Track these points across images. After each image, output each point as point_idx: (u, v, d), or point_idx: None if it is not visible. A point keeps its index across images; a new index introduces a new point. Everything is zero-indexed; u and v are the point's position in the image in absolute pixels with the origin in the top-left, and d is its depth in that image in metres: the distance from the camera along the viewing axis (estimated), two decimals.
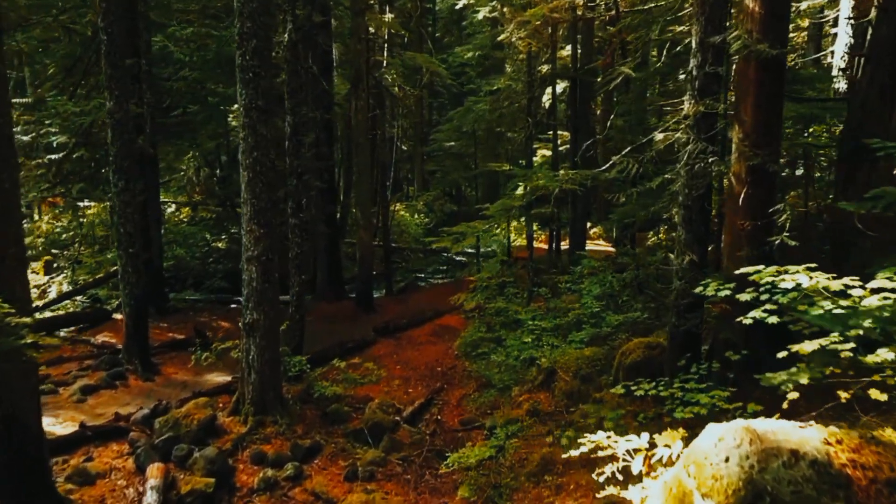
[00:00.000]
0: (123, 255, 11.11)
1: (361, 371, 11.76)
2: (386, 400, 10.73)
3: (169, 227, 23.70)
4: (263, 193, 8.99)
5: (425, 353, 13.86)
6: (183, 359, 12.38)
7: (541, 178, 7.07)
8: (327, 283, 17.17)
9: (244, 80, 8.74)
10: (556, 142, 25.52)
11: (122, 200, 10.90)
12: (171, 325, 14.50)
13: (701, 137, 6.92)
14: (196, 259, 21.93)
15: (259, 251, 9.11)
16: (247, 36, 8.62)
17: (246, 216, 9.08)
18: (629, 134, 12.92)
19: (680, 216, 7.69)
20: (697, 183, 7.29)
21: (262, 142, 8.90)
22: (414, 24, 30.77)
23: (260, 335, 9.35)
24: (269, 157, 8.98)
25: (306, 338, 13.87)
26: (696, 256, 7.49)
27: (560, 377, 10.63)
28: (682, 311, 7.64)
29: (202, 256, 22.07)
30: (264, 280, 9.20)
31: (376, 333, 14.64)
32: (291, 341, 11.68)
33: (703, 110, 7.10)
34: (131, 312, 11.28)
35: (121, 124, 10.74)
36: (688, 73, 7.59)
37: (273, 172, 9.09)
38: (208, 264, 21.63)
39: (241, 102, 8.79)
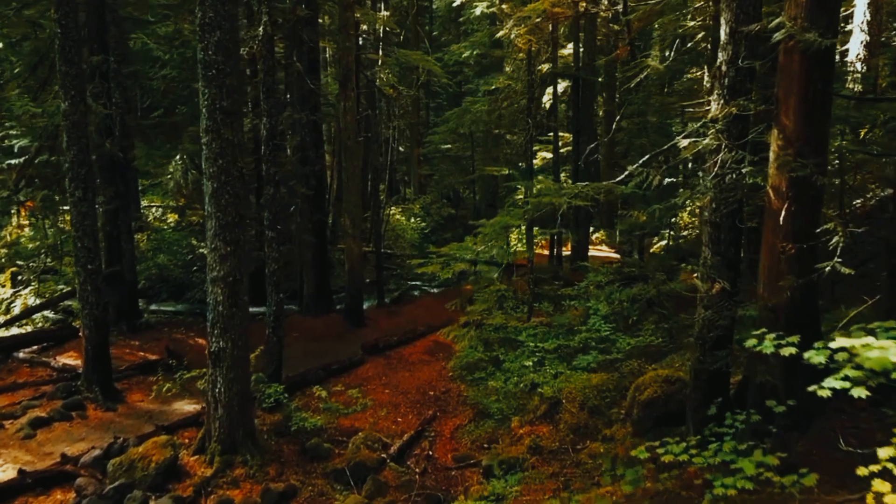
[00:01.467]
0: (82, 271, 10.04)
1: (345, 399, 10.69)
2: (371, 434, 9.65)
3: (153, 233, 22.64)
4: (230, 206, 7.93)
5: (417, 374, 12.80)
6: (152, 383, 11.31)
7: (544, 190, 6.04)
8: (314, 295, 16.11)
9: (207, 78, 7.68)
10: (556, 144, 24.47)
11: (79, 212, 9.83)
12: (143, 344, 13.43)
13: (735, 144, 5.86)
14: (179, 267, 20.86)
15: (225, 271, 8.05)
16: (208, 27, 7.56)
17: (210, 232, 8.02)
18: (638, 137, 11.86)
19: (706, 235, 6.64)
20: (728, 197, 6.24)
21: (228, 147, 7.84)
22: (410, 21, 29.72)
23: (227, 366, 8.29)
24: (237, 164, 7.91)
25: (288, 357, 12.80)
26: (727, 282, 6.44)
27: (565, 408, 9.57)
28: (708, 346, 6.59)
29: (186, 264, 20.96)
30: (231, 304, 8.14)
31: (364, 352, 13.57)
32: (269, 366, 10.62)
33: (735, 112, 6.04)
34: (91, 335, 10.21)
35: (77, 128, 9.67)
36: (714, 70, 6.53)
37: (241, 182, 8.03)
38: (192, 272, 20.52)
39: (204, 103, 7.73)
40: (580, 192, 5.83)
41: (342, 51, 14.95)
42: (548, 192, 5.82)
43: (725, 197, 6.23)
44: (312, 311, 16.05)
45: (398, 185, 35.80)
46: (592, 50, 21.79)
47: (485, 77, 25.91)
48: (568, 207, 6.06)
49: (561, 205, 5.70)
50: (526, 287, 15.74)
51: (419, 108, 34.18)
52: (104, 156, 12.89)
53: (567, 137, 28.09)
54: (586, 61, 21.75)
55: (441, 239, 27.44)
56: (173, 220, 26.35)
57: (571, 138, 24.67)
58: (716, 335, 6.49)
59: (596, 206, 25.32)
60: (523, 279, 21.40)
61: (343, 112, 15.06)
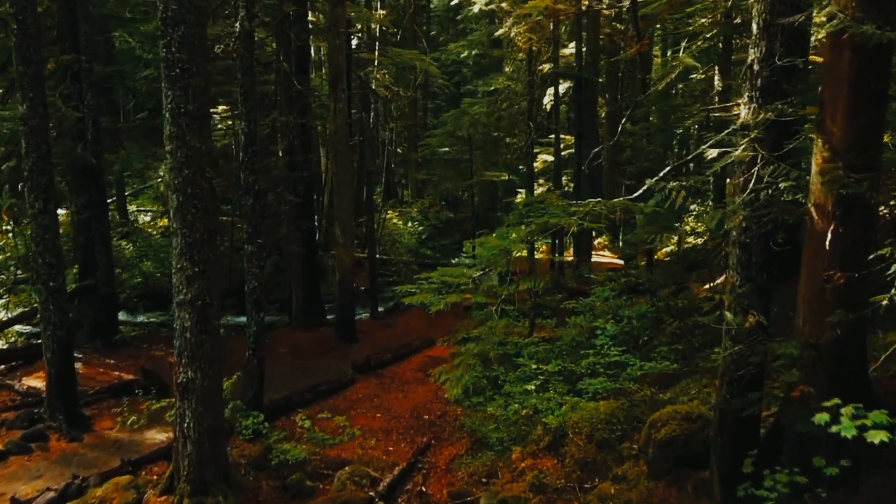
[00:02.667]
0: (43, 289, 9.21)
1: (332, 427, 9.85)
2: (359, 468, 8.81)
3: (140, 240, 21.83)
4: (198, 222, 7.10)
5: (411, 395, 11.97)
6: (128, 406, 10.47)
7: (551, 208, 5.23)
8: (303, 307, 15.28)
9: (170, 78, 6.85)
10: (558, 146, 23.65)
11: (39, 225, 9.00)
12: (118, 362, 12.59)
13: (773, 155, 5.04)
14: (166, 276, 20.04)
15: (193, 294, 7.22)
16: (171, 22, 6.73)
17: (176, 250, 7.19)
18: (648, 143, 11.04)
19: (734, 257, 5.81)
20: (762, 215, 5.41)
21: (195, 156, 7.01)
22: (407, 20, 28.91)
23: (197, 398, 7.45)
24: (205, 175, 7.08)
25: (274, 376, 11.98)
26: (759, 313, 5.61)
27: (571, 440, 8.72)
28: (737, 386, 5.76)
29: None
30: (200, 330, 7.31)
31: (355, 371, 12.74)
32: (248, 391, 9.79)
33: (772, 118, 5.22)
34: (54, 359, 9.39)
35: (37, 133, 8.85)
36: (745, 69, 5.71)
37: (210, 195, 7.20)
38: None
39: (167, 107, 6.91)
40: (592, 211, 5.02)
41: (332, 50, 14.14)
42: (555, 212, 5.02)
43: (759, 215, 5.40)
44: (301, 324, 15.23)
45: (395, 187, 34.99)
46: (595, 49, 20.96)
47: (484, 77, 25.10)
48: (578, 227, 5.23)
49: (570, 227, 4.89)
50: (526, 296, 14.92)
51: (417, 110, 33.38)
52: (76, 162, 12.06)
53: (568, 140, 27.29)
54: (589, 61, 20.92)
55: (439, 245, 26.62)
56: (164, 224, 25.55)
57: (573, 141, 23.88)
58: (747, 373, 5.67)
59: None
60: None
61: (334, 114, 14.24)
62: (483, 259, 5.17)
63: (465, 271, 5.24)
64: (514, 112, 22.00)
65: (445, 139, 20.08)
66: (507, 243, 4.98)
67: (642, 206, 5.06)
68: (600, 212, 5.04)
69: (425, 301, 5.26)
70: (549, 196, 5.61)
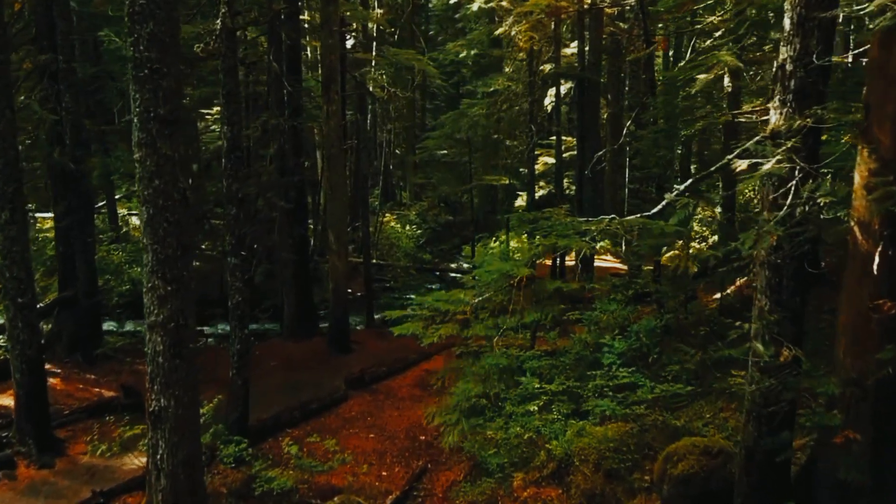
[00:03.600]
0: (11, 306, 8.60)
1: (322, 452, 9.23)
2: (350, 497, 8.20)
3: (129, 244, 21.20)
4: (170, 237, 6.48)
5: (407, 413, 11.35)
6: (104, 429, 9.85)
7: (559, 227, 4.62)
8: (295, 317, 14.67)
9: (138, 80, 6.24)
10: (559, 148, 23.06)
11: (6, 237, 8.39)
12: (100, 378, 11.96)
13: (814, 168, 4.43)
14: None
15: (165, 315, 6.60)
16: (139, 17, 6.12)
17: (146, 268, 6.58)
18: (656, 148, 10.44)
19: (762, 279, 5.21)
20: (797, 233, 4.80)
21: (167, 164, 6.40)
22: (405, 19, 28.33)
23: (170, 427, 6.83)
24: (178, 185, 6.47)
25: (263, 392, 11.39)
26: (792, 343, 5.00)
27: (577, 468, 8.11)
28: (765, 423, 5.16)
29: None
30: (174, 354, 6.69)
31: (348, 386, 12.12)
32: (232, 412, 9.19)
33: (810, 124, 4.62)
34: (24, 380, 8.78)
35: (2, 138, 8.23)
36: (776, 70, 5.10)
37: (184, 206, 6.59)
38: None
39: (136, 110, 6.30)
40: (607, 230, 4.43)
41: (325, 49, 13.53)
42: (564, 231, 4.43)
43: (794, 232, 4.80)
44: (294, 334, 14.61)
45: (394, 189, 34.39)
46: (598, 49, 20.33)
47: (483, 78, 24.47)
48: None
49: (582, 249, 4.30)
50: (527, 304, 14.28)
51: (415, 111, 32.79)
52: (54, 167, 11.45)
53: (570, 142, 26.69)
54: (591, 61, 20.31)
55: (437, 250, 26.01)
56: None
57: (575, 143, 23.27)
58: (777, 410, 5.06)
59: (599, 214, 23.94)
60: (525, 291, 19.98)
61: (327, 116, 13.63)
62: (482, 283, 4.58)
63: (462, 296, 4.64)
64: (514, 113, 21.40)
65: (443, 141, 19.47)
66: (510, 266, 4.38)
67: (662, 225, 4.46)
68: (615, 231, 4.44)
69: (416, 332, 4.67)
70: (555, 211, 5.00)
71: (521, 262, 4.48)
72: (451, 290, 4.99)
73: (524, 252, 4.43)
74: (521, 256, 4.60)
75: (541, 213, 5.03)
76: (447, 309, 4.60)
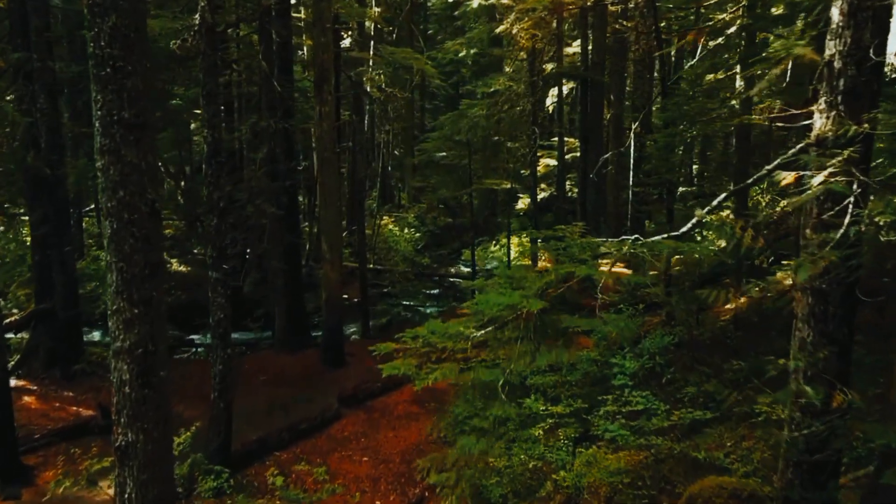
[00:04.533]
0: None
1: (311, 481, 8.58)
2: None
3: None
4: (137, 254, 5.83)
5: (403, 433, 10.70)
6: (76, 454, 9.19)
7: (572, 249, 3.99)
8: (287, 328, 14.02)
9: (100, 79, 5.59)
10: (562, 150, 22.47)
11: None
12: (78, 395, 11.31)
13: (873, 181, 3.79)
14: None
15: (132, 341, 5.95)
16: (100, 9, 5.47)
17: (111, 288, 5.91)
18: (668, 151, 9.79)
19: (804, 306, 4.57)
20: (850, 257, 4.16)
21: (133, 174, 5.75)
22: (404, 18, 27.68)
23: (139, 464, 6.17)
24: (146, 196, 5.82)
25: (249, 412, 10.79)
26: (839, 381, 4.36)
27: (587, 502, 7.49)
28: (807, 472, 4.51)
29: None
30: (142, 384, 6.03)
31: (341, 404, 11.48)
32: (213, 439, 8.53)
33: (867, 129, 3.97)
34: None
35: None
36: (821, 68, 4.46)
37: (153, 220, 5.93)
38: None
39: (97, 114, 5.64)
40: (629, 253, 3.78)
41: (318, 47, 12.85)
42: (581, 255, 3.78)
43: (845, 256, 4.15)
44: (285, 346, 13.96)
45: (392, 191, 33.75)
46: (602, 48, 19.70)
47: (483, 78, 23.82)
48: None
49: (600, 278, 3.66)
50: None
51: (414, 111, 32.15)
52: (28, 172, 10.79)
53: (572, 143, 26.04)
54: (595, 60, 19.69)
55: (436, 255, 25.35)
56: None
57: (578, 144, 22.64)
58: (823, 460, 4.41)
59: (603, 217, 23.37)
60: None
61: (319, 118, 12.97)
62: (484, 315, 3.94)
63: (461, 329, 4.00)
64: (515, 114, 20.75)
65: (442, 143, 18.82)
66: (518, 299, 3.74)
67: (697, 248, 3.80)
68: (641, 253, 3.79)
69: (408, 373, 4.03)
70: (569, 229, 4.35)
71: (532, 291, 3.84)
72: (448, 321, 4.33)
73: (534, 282, 3.79)
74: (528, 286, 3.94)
75: (553, 232, 4.38)
76: (444, 345, 3.96)
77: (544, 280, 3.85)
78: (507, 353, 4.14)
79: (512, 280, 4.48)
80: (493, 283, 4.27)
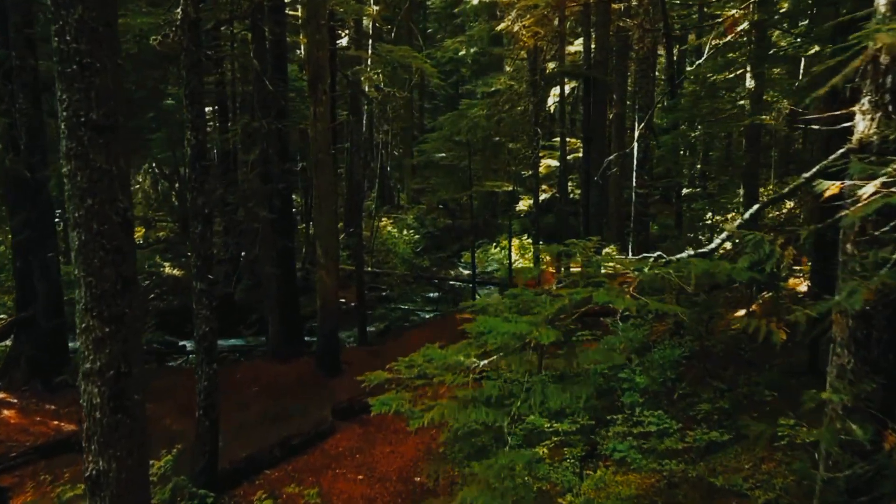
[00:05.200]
0: None
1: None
2: None
3: None
4: (107, 267, 5.35)
5: (401, 448, 10.21)
6: (57, 472, 8.74)
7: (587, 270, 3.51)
8: (280, 336, 13.53)
9: (65, 77, 5.11)
10: (564, 151, 21.94)
11: None
12: (60, 408, 10.81)
13: None
14: None
15: (103, 362, 5.46)
16: (64, 1, 4.99)
17: (80, 305, 5.43)
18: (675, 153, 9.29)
19: (845, 330, 4.09)
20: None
21: (103, 180, 5.27)
22: (402, 16, 27.19)
23: (111, 495, 5.68)
24: (117, 204, 5.34)
25: (239, 425, 10.34)
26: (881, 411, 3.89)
27: None
28: None
29: (143, 290, 18.42)
30: (114, 408, 5.55)
31: (336, 417, 10.99)
32: (198, 459, 8.04)
33: None
34: None
35: None
36: (864, 64, 3.97)
37: (125, 231, 5.45)
38: (147, 300, 17.98)
39: (62, 115, 5.15)
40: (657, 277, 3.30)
41: (312, 45, 12.37)
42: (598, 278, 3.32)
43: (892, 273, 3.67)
44: (278, 354, 13.47)
45: (392, 192, 33.29)
46: (605, 45, 19.21)
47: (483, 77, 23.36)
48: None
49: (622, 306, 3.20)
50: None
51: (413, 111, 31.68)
52: (8, 174, 10.31)
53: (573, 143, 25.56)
54: (598, 58, 19.20)
55: (435, 258, 24.88)
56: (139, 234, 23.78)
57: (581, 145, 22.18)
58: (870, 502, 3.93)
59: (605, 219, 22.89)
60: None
61: (314, 118, 12.49)
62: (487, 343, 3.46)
63: (462, 358, 3.53)
64: (516, 114, 20.29)
65: (442, 144, 18.34)
66: (525, 326, 3.26)
67: (728, 267, 3.33)
68: (668, 277, 3.31)
69: (401, 410, 3.56)
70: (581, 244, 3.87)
71: (542, 317, 3.35)
72: (447, 348, 3.85)
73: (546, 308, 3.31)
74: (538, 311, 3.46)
75: (564, 246, 3.90)
76: (441, 379, 3.49)
77: (556, 306, 3.37)
78: (513, 388, 3.65)
79: (517, 301, 4.00)
80: (496, 303, 3.79)
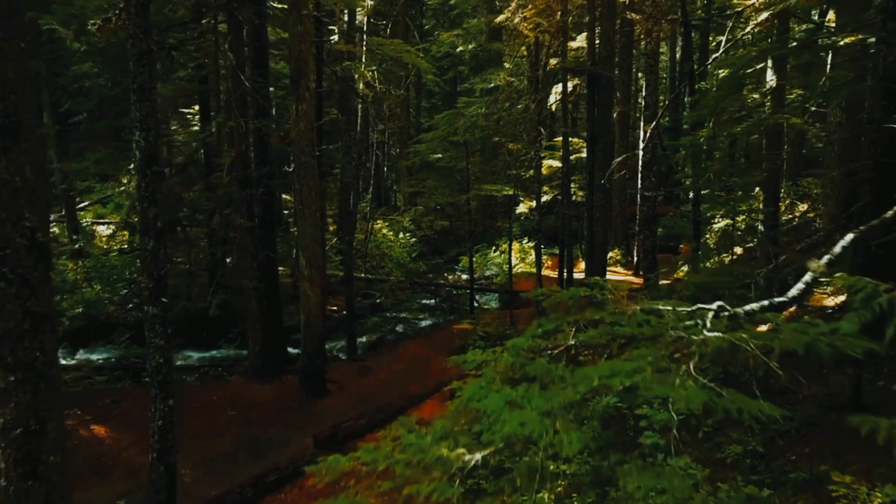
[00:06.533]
0: None
1: None
2: None
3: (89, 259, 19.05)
4: (10, 302, 4.34)
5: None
6: None
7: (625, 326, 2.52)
8: (261, 354, 12.48)
9: None
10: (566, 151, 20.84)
11: None
12: None
13: None
14: (114, 304, 17.31)
15: (9, 417, 4.45)
16: None
17: None
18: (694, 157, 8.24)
19: None
20: None
21: (4, 194, 4.25)
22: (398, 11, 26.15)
23: None
24: (22, 224, 4.31)
25: (208, 459, 9.35)
26: None
27: None
28: None
29: (122, 300, 17.40)
30: (23, 474, 4.53)
31: (318, 446, 9.93)
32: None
33: None
34: None
35: None
36: None
37: (36, 256, 4.42)
38: (127, 310, 16.94)
39: None
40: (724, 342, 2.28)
41: (294, 37, 11.32)
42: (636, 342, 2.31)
43: None
44: (259, 373, 12.43)
45: (387, 193, 32.26)
46: (611, 40, 18.14)
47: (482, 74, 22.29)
48: None
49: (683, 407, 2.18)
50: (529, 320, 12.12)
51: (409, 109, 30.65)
52: None
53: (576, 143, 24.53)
54: (603, 54, 18.14)
55: (432, 263, 23.84)
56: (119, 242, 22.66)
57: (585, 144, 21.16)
58: None
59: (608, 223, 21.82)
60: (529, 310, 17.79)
61: (296, 118, 11.44)
62: (482, 432, 2.44)
63: (446, 453, 2.51)
64: (516, 113, 19.25)
65: (438, 145, 17.29)
66: (535, 422, 2.23)
67: (821, 333, 2.29)
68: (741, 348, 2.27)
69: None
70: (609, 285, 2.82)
71: (558, 403, 2.30)
72: (428, 429, 2.83)
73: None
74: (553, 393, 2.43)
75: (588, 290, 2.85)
76: (417, 489, 2.47)
77: (581, 388, 2.34)
78: None
79: (520, 356, 2.96)
80: (490, 371, 2.74)
